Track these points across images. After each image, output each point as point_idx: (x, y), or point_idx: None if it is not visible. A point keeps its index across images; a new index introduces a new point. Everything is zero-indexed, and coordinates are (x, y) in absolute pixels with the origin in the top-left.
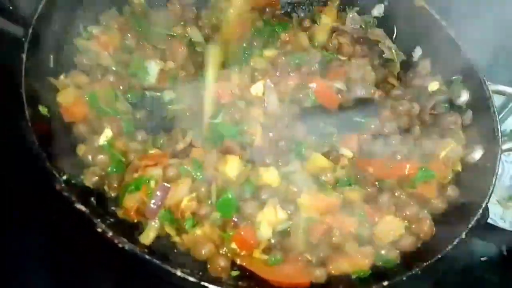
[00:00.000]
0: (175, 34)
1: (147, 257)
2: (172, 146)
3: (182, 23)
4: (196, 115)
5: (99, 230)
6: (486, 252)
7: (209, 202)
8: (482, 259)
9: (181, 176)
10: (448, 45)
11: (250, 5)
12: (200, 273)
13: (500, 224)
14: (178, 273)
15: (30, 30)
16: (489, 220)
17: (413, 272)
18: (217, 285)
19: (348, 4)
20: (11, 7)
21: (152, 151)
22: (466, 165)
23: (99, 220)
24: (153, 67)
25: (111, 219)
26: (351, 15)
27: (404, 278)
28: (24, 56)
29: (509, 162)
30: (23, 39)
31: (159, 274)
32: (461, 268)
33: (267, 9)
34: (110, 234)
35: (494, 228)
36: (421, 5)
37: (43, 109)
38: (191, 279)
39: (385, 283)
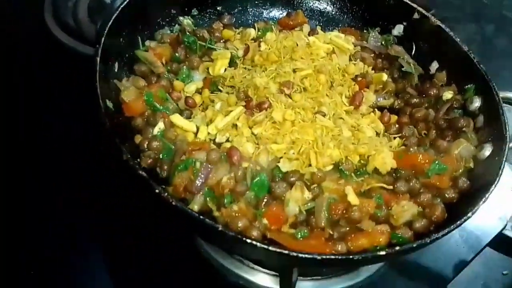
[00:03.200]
0: (218, 49)
1: (195, 214)
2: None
3: (222, 40)
4: None
5: (156, 191)
6: (508, 266)
7: (244, 183)
8: (504, 272)
9: (221, 160)
10: (462, 58)
11: None
12: None
13: None
14: (220, 228)
15: (102, 40)
16: (510, 234)
17: (423, 241)
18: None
19: (370, 25)
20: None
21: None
22: (477, 161)
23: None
24: (198, 76)
25: None
26: (373, 34)
27: (414, 245)
28: (98, 59)
29: None
30: (97, 45)
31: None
32: (482, 282)
33: None
34: (165, 194)
35: None
36: (437, 24)
37: (109, 104)
38: (231, 233)
39: (397, 248)
